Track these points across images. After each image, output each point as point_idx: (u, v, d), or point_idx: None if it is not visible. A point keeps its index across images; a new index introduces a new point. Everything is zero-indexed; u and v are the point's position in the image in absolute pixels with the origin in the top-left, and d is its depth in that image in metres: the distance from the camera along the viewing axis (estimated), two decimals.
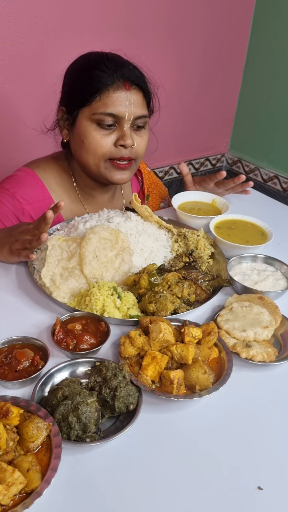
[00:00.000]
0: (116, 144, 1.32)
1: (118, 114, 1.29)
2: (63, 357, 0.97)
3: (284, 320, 1.09)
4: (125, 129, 1.31)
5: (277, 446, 0.83)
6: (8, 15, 1.93)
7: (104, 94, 1.28)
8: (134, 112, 1.31)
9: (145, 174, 1.71)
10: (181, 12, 2.49)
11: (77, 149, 1.39)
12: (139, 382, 0.89)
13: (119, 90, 1.28)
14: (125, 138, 1.31)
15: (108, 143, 1.32)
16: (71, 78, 1.37)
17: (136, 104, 1.31)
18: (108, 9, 2.20)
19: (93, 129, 1.32)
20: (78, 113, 1.34)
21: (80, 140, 1.35)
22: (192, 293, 1.15)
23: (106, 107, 1.28)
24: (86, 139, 1.33)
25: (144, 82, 1.33)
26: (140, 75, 1.33)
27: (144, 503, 0.73)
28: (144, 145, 1.39)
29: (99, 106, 1.29)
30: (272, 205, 1.81)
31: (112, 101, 1.28)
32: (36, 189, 1.43)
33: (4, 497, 0.67)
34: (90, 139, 1.32)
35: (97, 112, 1.29)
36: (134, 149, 1.35)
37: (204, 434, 0.85)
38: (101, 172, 1.38)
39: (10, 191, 1.40)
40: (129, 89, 1.29)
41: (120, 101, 1.28)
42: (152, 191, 1.74)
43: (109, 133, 1.32)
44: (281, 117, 2.80)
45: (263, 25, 2.77)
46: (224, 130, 3.17)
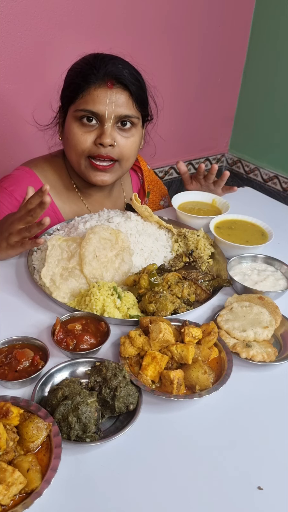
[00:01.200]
0: (96, 142, 1.32)
1: (97, 112, 1.29)
2: (63, 357, 0.97)
3: (284, 320, 1.09)
4: (105, 128, 1.30)
5: (277, 446, 0.83)
6: (8, 15, 1.93)
7: (86, 91, 1.28)
8: (116, 111, 1.29)
9: (145, 171, 1.72)
10: (181, 12, 2.49)
11: (65, 145, 1.41)
12: (139, 382, 0.89)
13: (100, 88, 1.28)
14: (102, 136, 1.30)
15: (88, 140, 1.32)
16: (66, 76, 1.39)
17: (118, 103, 1.29)
18: (108, 9, 2.20)
19: (75, 126, 1.33)
20: (68, 111, 1.35)
21: (66, 137, 1.38)
22: (192, 293, 1.15)
23: (86, 104, 1.29)
24: (69, 135, 1.35)
25: (132, 81, 1.31)
26: (128, 74, 1.30)
27: (144, 503, 0.73)
28: (130, 146, 1.36)
29: (81, 103, 1.30)
30: (272, 205, 1.81)
31: (92, 99, 1.28)
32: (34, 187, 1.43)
33: (4, 497, 0.67)
34: (72, 136, 1.34)
35: (78, 109, 1.30)
36: (116, 149, 1.34)
37: (204, 434, 0.85)
38: (81, 170, 1.39)
39: (8, 190, 1.40)
40: (112, 87, 1.28)
41: (101, 99, 1.28)
42: (153, 188, 1.74)
43: (90, 130, 1.32)
44: (281, 117, 2.80)
45: (263, 25, 2.77)
46: (224, 130, 3.17)
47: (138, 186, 1.73)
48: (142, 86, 1.36)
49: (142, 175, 1.71)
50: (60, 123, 1.42)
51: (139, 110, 1.36)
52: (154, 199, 1.76)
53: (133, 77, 1.32)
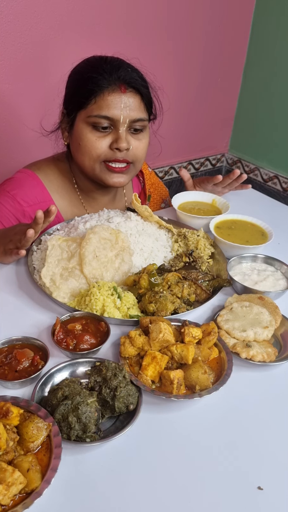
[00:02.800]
0: (111, 146, 1.32)
1: (112, 117, 1.29)
2: (63, 357, 0.97)
3: (284, 320, 1.09)
4: (120, 132, 1.31)
5: (277, 446, 0.83)
6: (8, 15, 1.93)
7: (99, 96, 1.28)
8: (130, 115, 1.30)
9: (146, 174, 1.72)
10: (181, 13, 2.49)
11: (75, 151, 1.40)
12: (139, 382, 0.89)
13: (114, 93, 1.28)
14: (119, 141, 1.30)
15: (103, 145, 1.32)
16: (71, 81, 1.38)
17: (132, 107, 1.30)
18: (108, 10, 2.20)
19: (88, 131, 1.32)
20: (76, 116, 1.34)
21: (76, 143, 1.36)
22: (192, 293, 1.15)
23: (100, 110, 1.29)
24: (82, 141, 1.34)
25: (142, 85, 1.32)
26: (138, 78, 1.32)
27: (144, 503, 0.73)
28: (142, 148, 1.38)
29: (94, 109, 1.29)
30: (272, 205, 1.81)
31: (106, 104, 1.28)
32: (36, 191, 1.43)
33: (4, 497, 0.67)
34: (85, 141, 1.33)
35: (92, 115, 1.30)
36: (131, 152, 1.35)
37: (204, 434, 0.85)
38: (96, 174, 1.39)
39: (10, 193, 1.40)
40: (125, 91, 1.29)
41: (115, 104, 1.28)
42: (153, 191, 1.74)
43: (104, 135, 1.32)
44: (281, 117, 2.80)
45: (263, 25, 2.77)
46: (224, 130, 3.17)
47: (139, 190, 1.73)
48: (148, 88, 1.37)
49: (143, 178, 1.71)
50: (65, 128, 1.41)
51: (148, 112, 1.38)
52: (155, 202, 1.76)
53: (142, 80, 1.33)
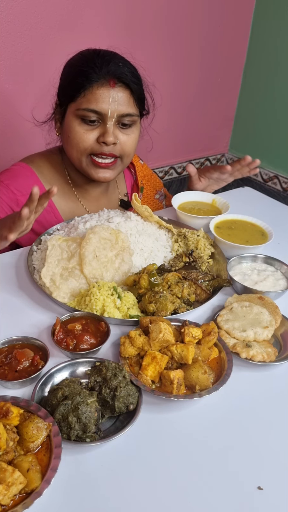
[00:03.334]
0: (98, 140, 1.33)
1: (100, 111, 1.30)
2: (63, 357, 0.97)
3: (284, 320, 1.09)
4: (108, 126, 1.31)
5: (277, 446, 0.83)
6: (8, 15, 1.93)
7: (88, 90, 1.29)
8: (118, 109, 1.31)
9: (138, 167, 1.72)
10: (181, 12, 2.49)
11: (64, 143, 1.42)
12: (139, 382, 0.89)
13: (103, 87, 1.28)
14: (106, 135, 1.31)
15: (90, 138, 1.33)
16: (64, 73, 1.39)
17: (120, 102, 1.30)
18: (108, 9, 2.20)
19: (77, 124, 1.33)
20: (67, 108, 1.35)
21: (66, 135, 1.38)
22: (192, 293, 1.15)
23: (89, 103, 1.29)
24: (70, 133, 1.35)
25: (132, 80, 1.32)
26: (128, 73, 1.32)
27: (145, 503, 0.73)
28: (131, 143, 1.39)
29: (83, 102, 1.30)
30: (272, 205, 1.81)
31: (95, 98, 1.29)
32: (30, 181, 1.45)
33: (4, 497, 0.67)
34: (73, 134, 1.34)
35: (80, 108, 1.31)
36: (118, 147, 1.36)
37: (204, 434, 0.85)
38: (83, 167, 1.40)
39: (4, 183, 1.42)
40: (114, 86, 1.29)
41: (104, 98, 1.28)
42: (146, 183, 1.75)
43: (92, 128, 1.33)
44: (281, 117, 2.80)
45: (263, 25, 2.77)
46: (224, 130, 3.17)
47: (132, 182, 1.74)
48: (141, 84, 1.37)
49: (134, 171, 1.72)
50: (57, 119, 1.43)
51: (138, 107, 1.38)
52: (149, 193, 1.76)
53: (133, 75, 1.33)
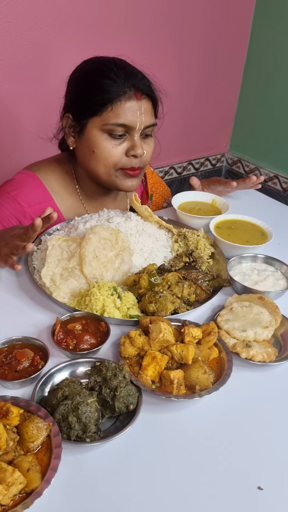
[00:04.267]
0: (127, 154, 1.32)
1: (130, 125, 1.29)
2: (63, 357, 0.97)
3: (284, 320, 1.09)
4: (136, 139, 1.31)
5: (277, 446, 0.83)
6: (8, 15, 1.93)
7: (116, 104, 1.27)
8: (145, 121, 1.31)
9: (148, 174, 1.72)
10: (181, 12, 2.49)
11: (86, 157, 1.37)
12: (139, 382, 0.89)
13: (131, 100, 1.28)
14: (136, 148, 1.31)
15: (119, 153, 1.32)
16: (77, 85, 1.35)
17: (146, 114, 1.31)
18: (108, 9, 2.20)
19: (104, 139, 1.31)
20: (88, 122, 1.32)
21: (89, 149, 1.34)
22: (192, 293, 1.15)
23: (118, 118, 1.28)
24: (97, 148, 1.32)
25: (152, 91, 1.34)
26: (149, 84, 1.33)
27: (144, 503, 0.73)
28: (151, 152, 1.40)
29: (111, 117, 1.28)
30: (272, 205, 1.81)
31: (124, 112, 1.28)
32: (37, 192, 1.42)
33: (4, 497, 0.67)
34: (101, 149, 1.32)
35: (108, 123, 1.28)
36: (142, 158, 1.36)
37: (204, 434, 0.85)
38: (111, 180, 1.38)
39: (11, 194, 1.39)
40: (140, 99, 1.29)
41: (132, 111, 1.28)
42: (156, 190, 1.74)
43: (120, 142, 1.32)
44: (281, 117, 2.80)
45: (263, 25, 2.77)
46: (224, 130, 3.17)
47: (141, 189, 1.73)
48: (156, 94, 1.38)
49: (145, 178, 1.71)
50: (71, 133, 1.38)
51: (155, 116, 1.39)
52: (157, 201, 1.76)
53: (151, 86, 1.34)
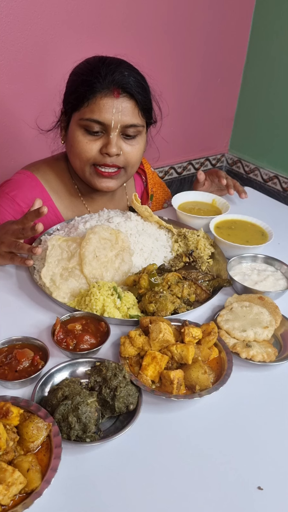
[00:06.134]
0: (101, 151, 1.31)
1: (103, 122, 1.27)
2: (63, 357, 0.97)
3: (284, 320, 1.09)
4: (111, 137, 1.29)
5: (277, 446, 0.83)
6: (8, 15, 1.93)
7: (92, 100, 1.26)
8: (122, 120, 1.28)
9: (149, 174, 1.71)
10: (181, 12, 2.49)
11: (68, 152, 1.40)
12: (139, 382, 0.89)
13: (107, 97, 1.26)
14: (109, 146, 1.29)
15: (93, 149, 1.31)
16: (69, 81, 1.37)
17: (125, 113, 1.28)
18: (108, 9, 2.20)
19: (80, 134, 1.31)
20: (71, 117, 1.34)
21: (69, 144, 1.36)
22: (192, 293, 1.15)
23: (92, 114, 1.27)
24: (73, 143, 1.33)
25: (138, 90, 1.29)
26: (134, 83, 1.28)
27: (144, 503, 0.73)
28: (135, 154, 1.36)
29: (86, 112, 1.28)
30: (272, 205, 1.81)
31: (98, 108, 1.26)
32: (35, 192, 1.42)
33: (4, 497, 0.67)
34: (76, 144, 1.32)
35: (83, 118, 1.29)
36: (122, 158, 1.33)
37: (204, 434, 0.85)
38: (86, 177, 1.38)
39: (9, 195, 1.39)
40: (118, 96, 1.26)
41: (107, 108, 1.26)
42: (156, 191, 1.74)
43: (95, 139, 1.31)
44: (281, 117, 2.80)
45: (263, 25, 2.77)
46: (224, 130, 3.17)
47: (142, 189, 1.73)
48: (147, 94, 1.34)
49: (146, 178, 1.71)
50: (63, 127, 1.41)
51: (144, 118, 1.35)
52: (158, 202, 1.76)
53: (139, 85, 1.30)
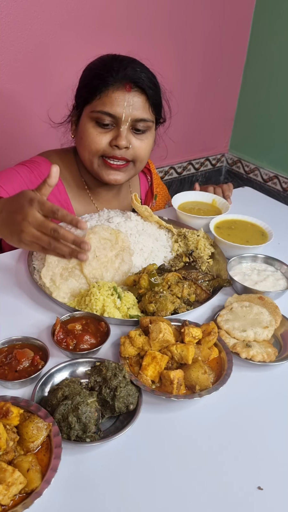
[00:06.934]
0: (111, 143, 1.33)
1: (114, 114, 1.29)
2: (63, 357, 0.97)
3: (284, 320, 1.09)
4: (121, 130, 1.31)
5: (277, 446, 0.83)
6: (8, 15, 1.93)
7: (104, 93, 1.29)
8: (133, 114, 1.30)
9: (154, 174, 1.73)
10: (181, 12, 2.49)
11: (77, 144, 1.42)
12: (139, 382, 0.89)
13: (119, 91, 1.28)
14: (118, 138, 1.31)
15: (103, 141, 1.33)
16: (82, 76, 1.39)
17: (135, 107, 1.30)
18: (108, 9, 2.20)
19: (91, 126, 1.33)
20: (83, 110, 1.36)
21: (79, 136, 1.38)
22: (192, 293, 1.15)
23: (103, 106, 1.29)
24: (83, 135, 1.35)
25: (149, 86, 1.32)
26: (145, 78, 1.32)
27: (144, 503, 0.73)
28: (144, 148, 1.38)
29: (98, 105, 1.30)
30: (272, 205, 1.81)
31: (110, 101, 1.29)
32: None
33: (4, 497, 0.67)
34: (87, 135, 1.34)
35: (95, 110, 1.31)
36: (131, 151, 1.35)
37: (204, 434, 0.85)
38: (94, 169, 1.39)
39: (28, 166, 1.41)
40: (130, 90, 1.29)
41: (118, 101, 1.28)
42: (159, 192, 1.75)
43: (105, 131, 1.33)
44: (281, 117, 2.80)
45: (263, 25, 2.77)
46: (224, 130, 3.17)
47: (146, 188, 1.73)
48: (158, 91, 1.37)
49: (151, 178, 1.72)
50: (73, 121, 1.43)
51: (154, 114, 1.38)
52: (160, 202, 1.77)
53: (150, 81, 1.33)
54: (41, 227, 0.96)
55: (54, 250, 0.97)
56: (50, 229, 0.95)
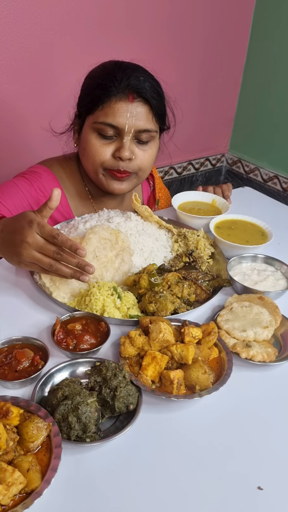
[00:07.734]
0: (114, 154, 1.31)
1: (117, 125, 1.27)
2: (63, 357, 0.97)
3: (284, 320, 1.09)
4: (124, 141, 1.29)
5: (277, 446, 0.83)
6: (8, 15, 1.93)
7: (106, 104, 1.26)
8: (136, 125, 1.28)
9: (157, 179, 1.72)
10: (181, 12, 2.49)
11: (81, 154, 1.40)
12: (139, 382, 0.89)
13: (122, 101, 1.26)
14: (122, 150, 1.29)
15: (107, 153, 1.31)
16: (84, 84, 1.37)
17: (139, 117, 1.28)
18: (108, 9, 2.20)
19: (93, 137, 1.31)
20: (85, 120, 1.34)
21: (82, 147, 1.36)
22: (192, 293, 1.15)
23: (106, 117, 1.27)
24: (86, 146, 1.33)
25: (153, 96, 1.29)
26: (149, 88, 1.28)
27: (144, 503, 0.73)
28: (147, 159, 1.36)
29: (100, 116, 1.28)
30: (272, 205, 1.81)
31: (113, 112, 1.26)
32: (53, 184, 1.42)
33: (4, 497, 0.67)
34: (90, 147, 1.32)
35: (97, 121, 1.29)
36: (134, 163, 1.33)
37: (204, 434, 0.85)
38: (99, 179, 1.38)
39: (28, 179, 1.39)
40: (133, 101, 1.26)
41: (121, 112, 1.26)
42: (162, 196, 1.75)
43: (108, 143, 1.31)
44: (281, 117, 2.80)
45: (263, 25, 2.77)
46: (224, 130, 3.17)
47: (149, 193, 1.73)
48: (162, 100, 1.34)
49: (153, 183, 1.71)
50: (76, 130, 1.40)
51: (158, 123, 1.35)
52: (162, 207, 1.77)
53: (154, 91, 1.30)
54: (42, 250, 1.00)
55: (56, 271, 1.02)
56: (53, 252, 0.99)
